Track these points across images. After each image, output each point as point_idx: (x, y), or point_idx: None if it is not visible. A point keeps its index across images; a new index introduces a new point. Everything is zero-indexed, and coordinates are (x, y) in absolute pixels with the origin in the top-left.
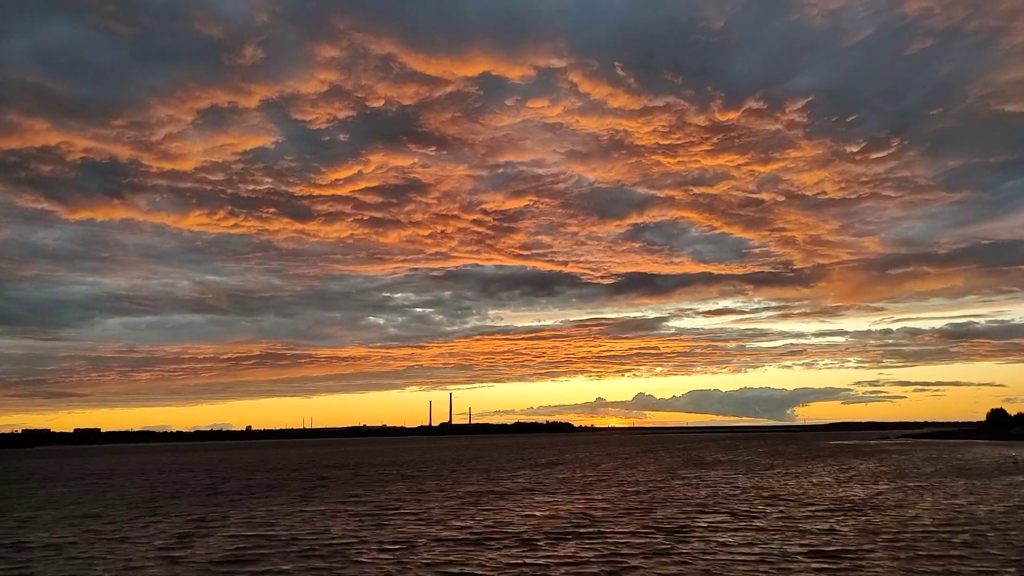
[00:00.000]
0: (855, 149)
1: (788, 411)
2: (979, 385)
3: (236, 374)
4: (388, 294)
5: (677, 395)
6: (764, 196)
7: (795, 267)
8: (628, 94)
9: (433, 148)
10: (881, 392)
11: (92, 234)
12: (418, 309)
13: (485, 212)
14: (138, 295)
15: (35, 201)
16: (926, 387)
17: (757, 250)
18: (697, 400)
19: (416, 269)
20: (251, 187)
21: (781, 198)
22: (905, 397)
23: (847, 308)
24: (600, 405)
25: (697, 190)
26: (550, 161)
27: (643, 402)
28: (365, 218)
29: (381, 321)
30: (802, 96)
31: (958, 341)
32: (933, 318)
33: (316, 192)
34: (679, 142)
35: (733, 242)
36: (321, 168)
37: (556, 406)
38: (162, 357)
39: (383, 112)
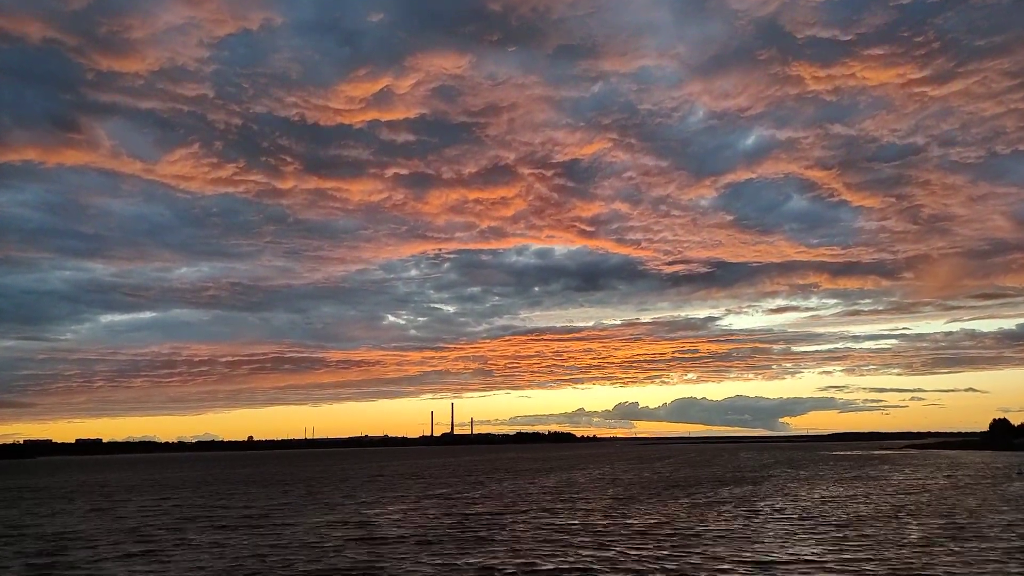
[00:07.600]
0: None
1: (778, 420)
2: (965, 391)
3: (241, 381)
4: (412, 289)
5: (666, 403)
6: (917, 139)
7: (897, 250)
8: None
9: (496, 35)
10: (881, 401)
11: (61, 196)
12: (444, 307)
13: (550, 166)
14: (127, 283)
15: None
16: (918, 395)
17: (873, 224)
18: (683, 409)
19: (462, 251)
20: (238, 108)
21: (936, 147)
22: (906, 406)
23: (924, 305)
24: (582, 415)
25: (833, 128)
26: (658, 74)
27: (624, 411)
28: (403, 174)
29: (402, 321)
30: None
31: (1019, 344)
32: (1007, 316)
33: (328, 121)
34: (845, 36)
35: (843, 214)
36: (335, 78)
37: (535, 416)
38: (161, 361)
39: None
